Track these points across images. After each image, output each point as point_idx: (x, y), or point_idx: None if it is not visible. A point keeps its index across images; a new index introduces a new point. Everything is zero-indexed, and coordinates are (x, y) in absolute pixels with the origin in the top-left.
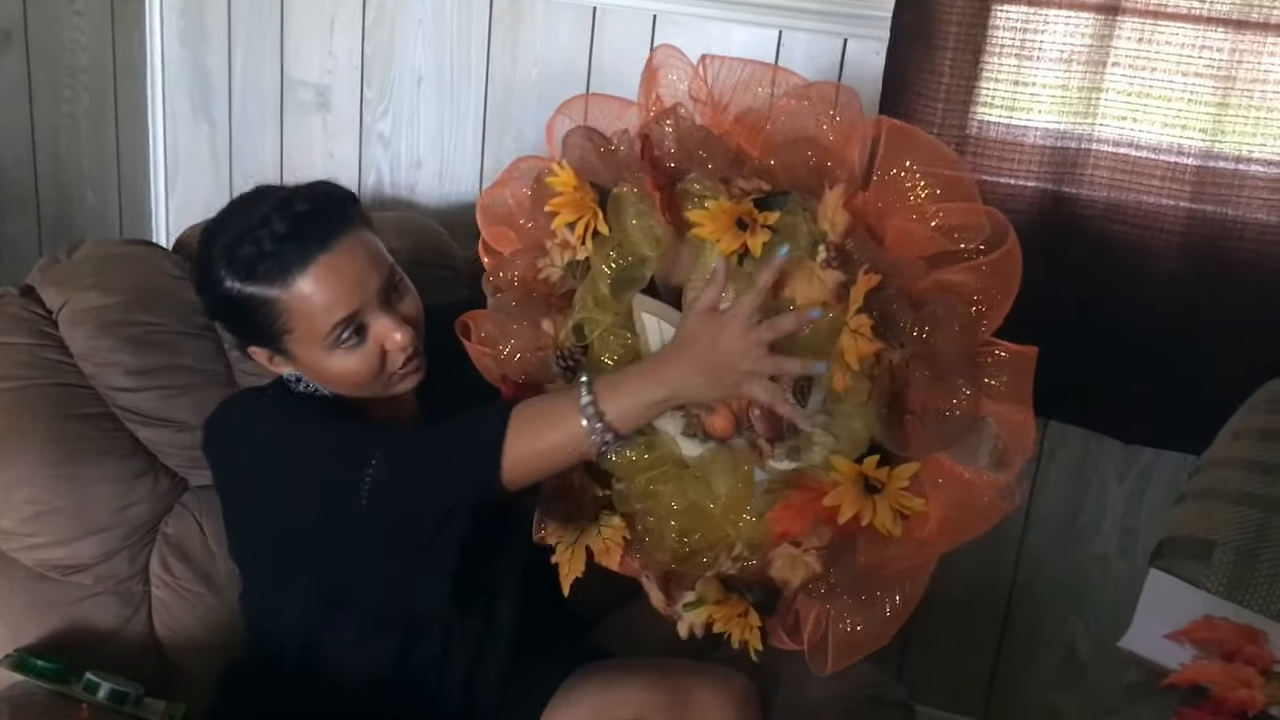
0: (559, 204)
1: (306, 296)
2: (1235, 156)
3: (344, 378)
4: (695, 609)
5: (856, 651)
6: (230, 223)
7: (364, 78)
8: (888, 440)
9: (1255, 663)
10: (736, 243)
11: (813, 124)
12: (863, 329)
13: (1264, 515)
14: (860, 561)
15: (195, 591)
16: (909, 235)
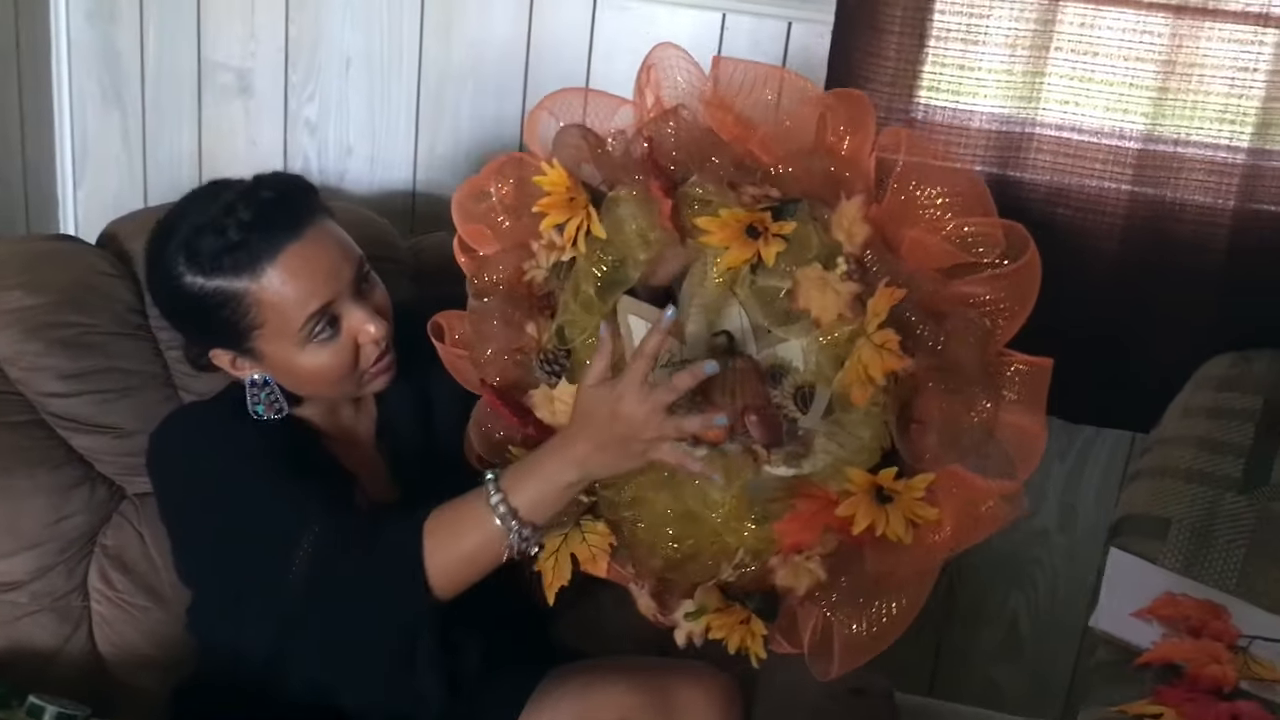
0: (548, 204)
1: (278, 288)
2: (1174, 140)
3: (316, 375)
4: (696, 618)
5: (862, 655)
6: (186, 217)
7: (289, 60)
8: (901, 450)
9: (1221, 638)
10: (748, 252)
11: (826, 132)
12: (889, 344)
13: (1216, 492)
14: (868, 569)
15: (139, 605)
16: (924, 247)
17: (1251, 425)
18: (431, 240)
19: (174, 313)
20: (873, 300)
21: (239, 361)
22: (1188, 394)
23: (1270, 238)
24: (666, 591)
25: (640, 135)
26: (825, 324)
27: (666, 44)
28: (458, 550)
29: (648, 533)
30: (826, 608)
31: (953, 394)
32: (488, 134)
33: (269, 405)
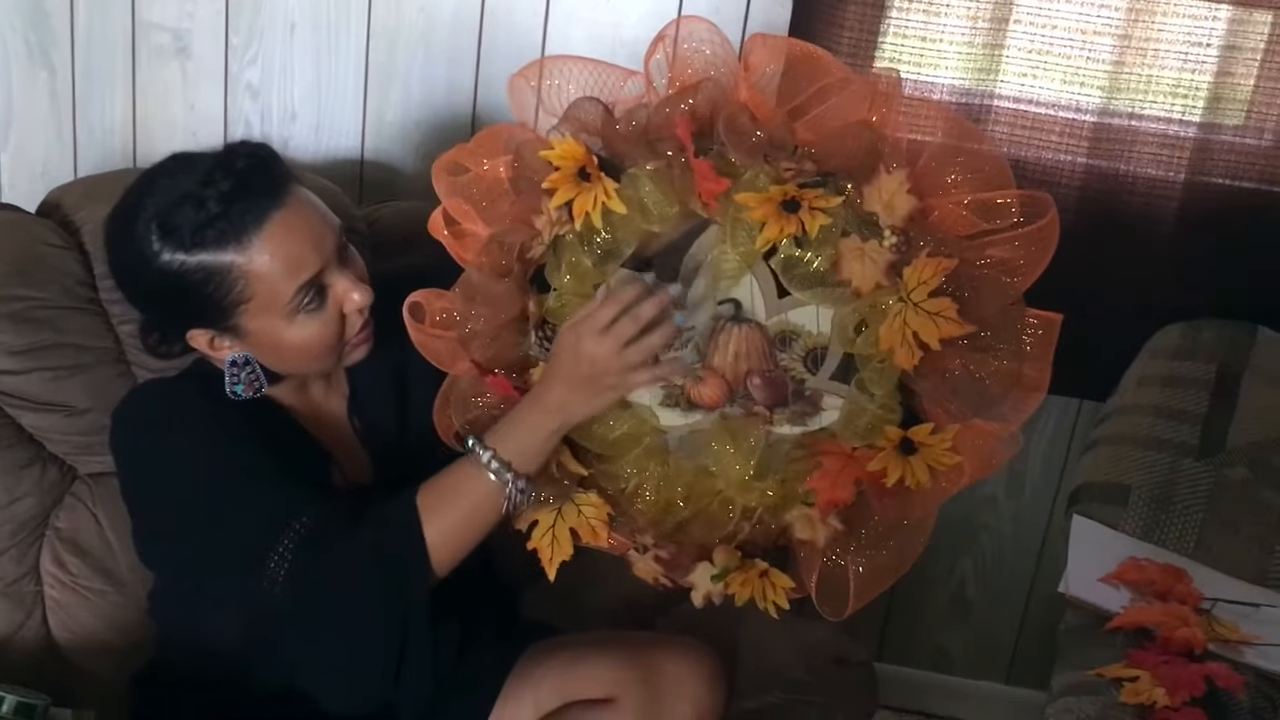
0: (559, 179)
1: (266, 259)
2: (1129, 114)
3: (303, 348)
4: (720, 579)
5: (875, 590)
6: (154, 192)
7: (229, 22)
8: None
9: (1186, 601)
10: (789, 226)
11: (862, 109)
12: (947, 311)
13: (1173, 459)
14: (880, 515)
15: (95, 589)
16: (951, 216)
17: (1206, 393)
18: (387, 210)
19: (147, 294)
20: (915, 268)
21: (218, 341)
22: (1142, 363)
23: (1219, 210)
24: (678, 554)
25: (664, 106)
26: (865, 293)
27: (694, 17)
28: (455, 516)
29: (654, 499)
30: (840, 556)
31: (975, 350)
32: (439, 101)
33: (249, 384)
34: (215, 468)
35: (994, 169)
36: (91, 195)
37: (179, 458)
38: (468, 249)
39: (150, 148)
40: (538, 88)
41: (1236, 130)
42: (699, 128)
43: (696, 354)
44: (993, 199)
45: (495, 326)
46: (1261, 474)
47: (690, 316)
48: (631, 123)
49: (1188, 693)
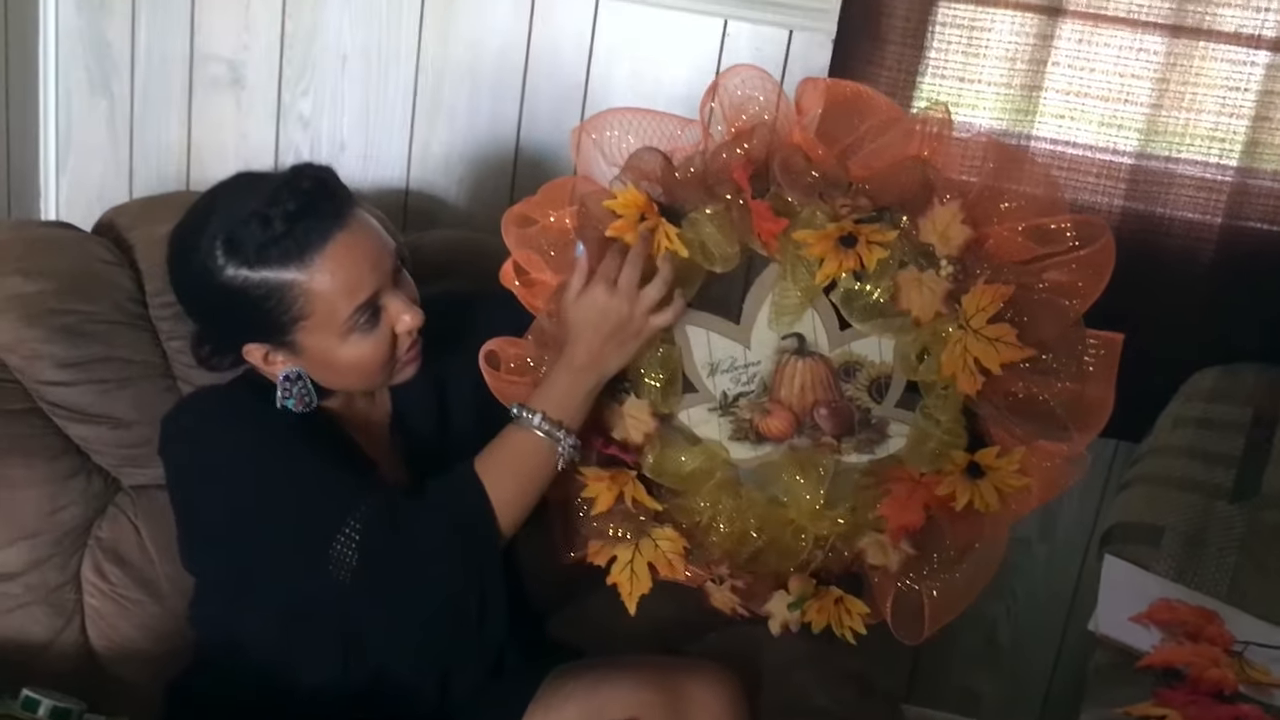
0: (621, 227)
1: (327, 278)
2: (1166, 157)
3: (355, 366)
4: (798, 607)
5: (950, 614)
6: (219, 208)
7: (284, 54)
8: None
9: (1217, 643)
10: (849, 261)
11: (914, 145)
12: (1007, 336)
13: (1207, 501)
14: (951, 539)
15: (134, 599)
16: (1007, 243)
17: (1241, 436)
18: (429, 238)
19: (208, 307)
20: (973, 296)
21: (273, 355)
22: (1178, 405)
23: (1255, 254)
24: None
25: (720, 152)
26: (925, 321)
27: (744, 65)
28: (515, 479)
29: (728, 531)
30: (914, 580)
31: (1037, 373)
32: (483, 134)
33: (300, 399)
34: (273, 464)
35: (1047, 195)
36: (145, 216)
37: (236, 458)
38: (538, 296)
39: (203, 173)
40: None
41: (1274, 175)
42: (755, 170)
43: (763, 388)
44: (1047, 224)
45: None
46: None
47: (755, 352)
48: (690, 169)
49: None
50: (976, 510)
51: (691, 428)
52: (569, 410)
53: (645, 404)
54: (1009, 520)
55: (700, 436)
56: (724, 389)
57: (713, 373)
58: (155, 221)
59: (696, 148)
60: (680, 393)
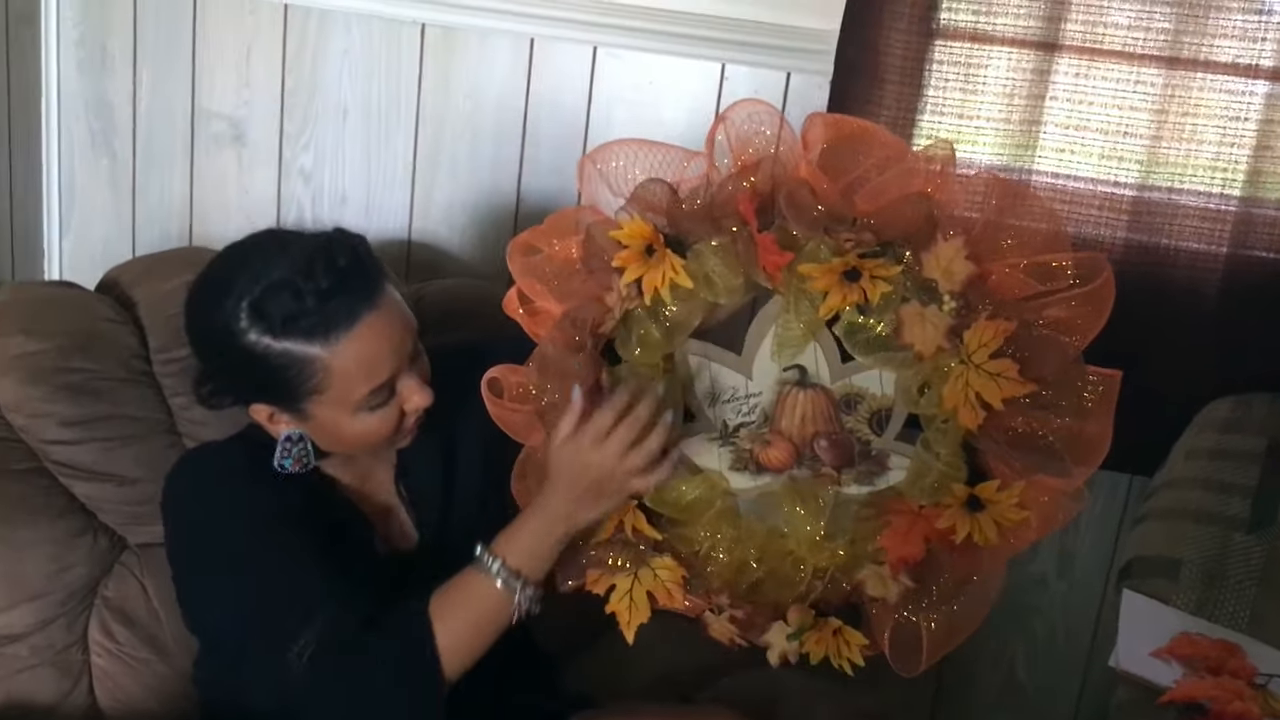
0: (627, 257)
1: (350, 357)
2: (1168, 188)
3: (360, 439)
4: (797, 638)
5: (948, 646)
6: (249, 270)
7: (284, 110)
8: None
9: (1240, 676)
10: (853, 294)
11: (919, 180)
12: (1009, 372)
13: (1224, 533)
14: (949, 571)
15: (141, 658)
16: (1008, 279)
17: (1256, 466)
18: (432, 288)
19: (224, 364)
20: (975, 331)
21: (278, 416)
22: (1191, 437)
23: (1262, 283)
24: (754, 617)
25: (726, 184)
26: (928, 356)
27: (750, 99)
28: (465, 624)
29: (728, 561)
30: (912, 612)
31: (1036, 408)
32: (484, 184)
33: (298, 460)
34: (254, 545)
35: (1049, 230)
36: (148, 273)
37: (220, 532)
38: (541, 325)
39: (206, 230)
40: (605, 170)
41: (1278, 204)
42: (760, 204)
43: (764, 419)
44: (1048, 261)
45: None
46: None
47: (757, 383)
48: (695, 201)
49: None
50: (975, 543)
51: (692, 457)
52: (533, 560)
53: None
54: (1007, 554)
55: (700, 466)
56: (725, 419)
57: (714, 403)
58: (158, 279)
59: (702, 180)
60: (682, 422)
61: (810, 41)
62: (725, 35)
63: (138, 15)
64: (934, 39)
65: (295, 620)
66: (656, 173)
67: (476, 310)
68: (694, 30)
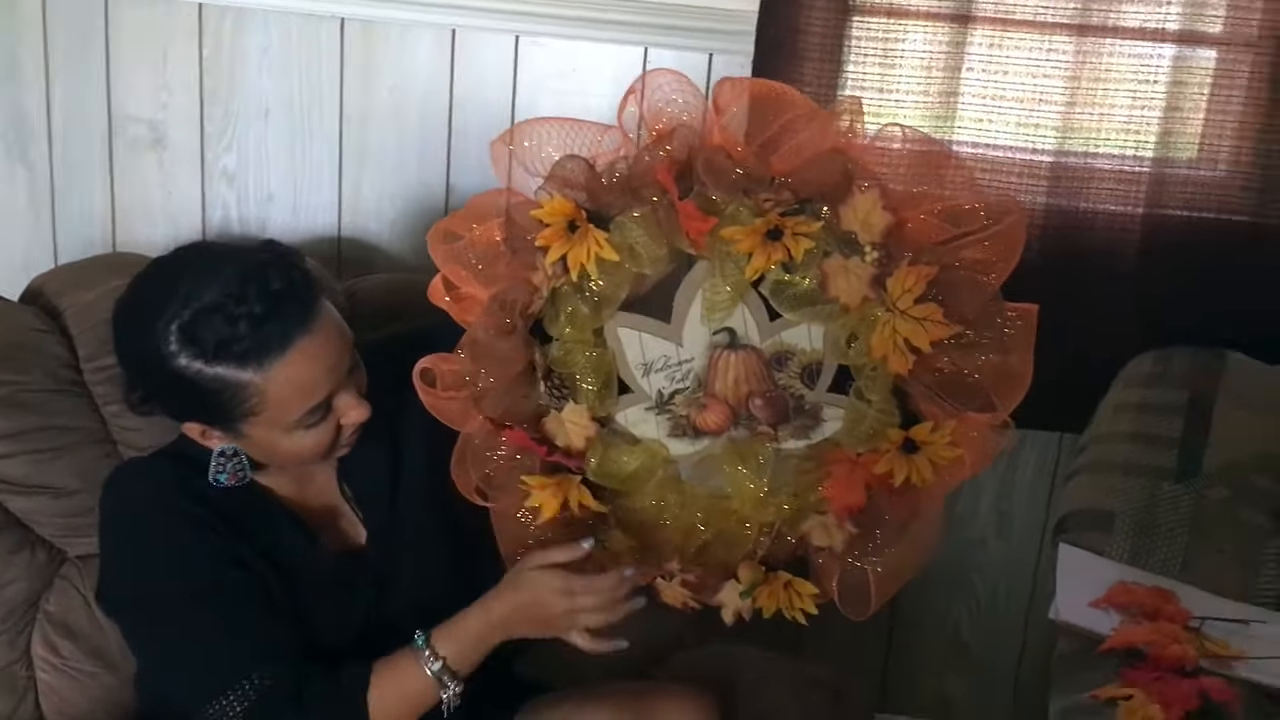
0: (550, 236)
1: (284, 381)
2: (1084, 153)
3: (295, 457)
4: (748, 595)
5: (895, 586)
6: (176, 293)
7: (204, 111)
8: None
9: (1175, 620)
10: (777, 253)
11: (831, 137)
12: (934, 315)
13: (1153, 483)
14: (891, 515)
15: (88, 671)
16: (924, 226)
17: (1179, 418)
18: (365, 283)
19: (154, 385)
20: (897, 278)
21: (210, 433)
22: (1116, 393)
23: (1178, 240)
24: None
25: (642, 155)
26: (854, 307)
27: (661, 70)
28: (395, 702)
29: (675, 527)
30: (858, 558)
31: (960, 348)
32: (412, 176)
33: (233, 475)
34: (183, 591)
35: (959, 178)
36: (73, 281)
37: (150, 573)
38: (469, 311)
39: (129, 234)
40: (518, 151)
41: (1190, 163)
42: (678, 172)
43: (698, 384)
44: (961, 205)
45: (504, 382)
46: (1240, 493)
47: (688, 349)
48: (614, 174)
49: (1183, 707)
50: (914, 485)
51: (630, 428)
52: (465, 656)
53: (583, 408)
54: (944, 492)
55: (639, 436)
56: (659, 387)
57: (647, 372)
58: (84, 287)
59: (619, 153)
60: (616, 395)
61: (731, 22)
62: (646, 19)
63: (47, 21)
64: (851, 15)
65: (221, 676)
66: (571, 149)
67: (412, 303)
68: (615, 15)
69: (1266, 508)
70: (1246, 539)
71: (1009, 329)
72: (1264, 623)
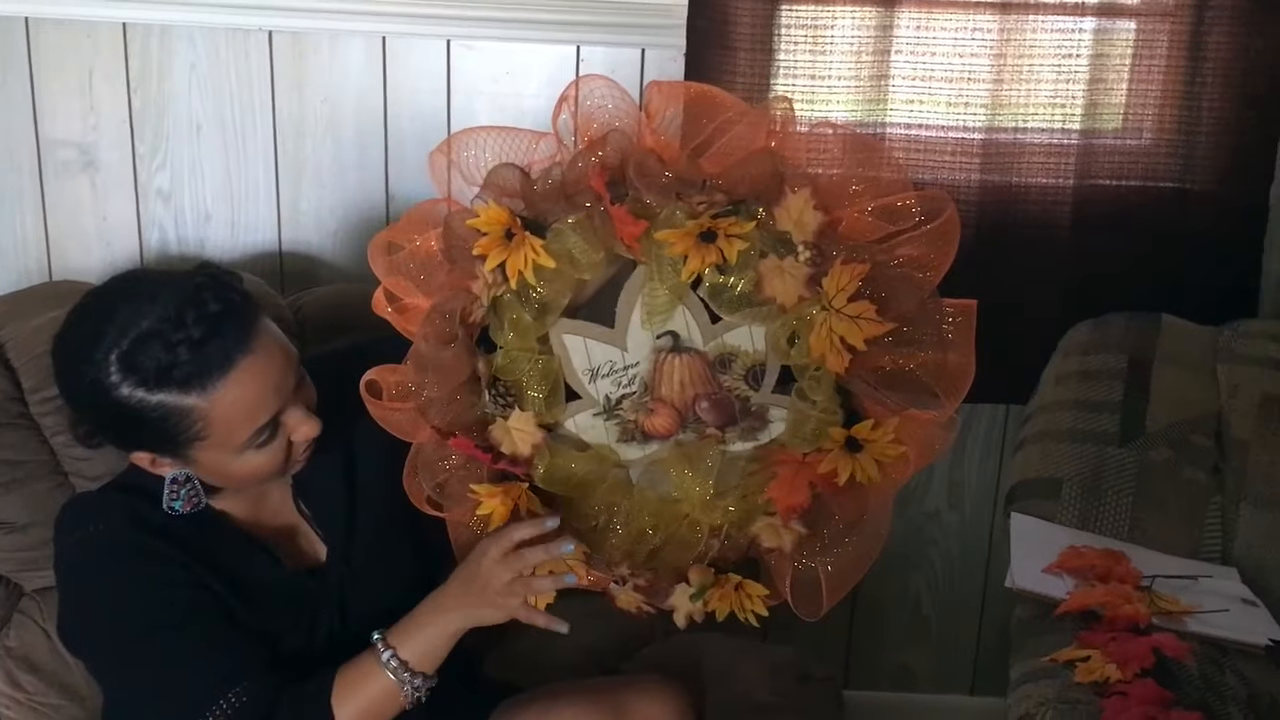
0: (487, 245)
1: (229, 404)
2: (1013, 128)
3: (248, 477)
4: (699, 598)
5: (846, 586)
6: (116, 321)
7: (134, 131)
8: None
9: (1126, 581)
10: (711, 255)
11: (761, 137)
12: (867, 313)
13: (1098, 448)
14: (839, 513)
15: (53, 704)
16: (858, 224)
17: (1120, 383)
18: (309, 297)
19: (98, 418)
20: (832, 277)
21: (160, 461)
22: (1057, 362)
23: (1108, 209)
24: (656, 582)
25: (576, 161)
26: (790, 307)
27: (592, 75)
28: (361, 706)
29: (625, 532)
30: (808, 558)
31: (900, 345)
32: (351, 186)
33: (187, 500)
34: (147, 623)
35: (891, 176)
36: (12, 312)
37: (112, 610)
38: (412, 321)
39: (64, 261)
40: (456, 161)
41: (1116, 133)
42: (611, 177)
43: (644, 388)
44: (894, 203)
45: (449, 391)
46: (1182, 453)
47: (633, 354)
48: (548, 181)
49: (1138, 665)
50: (860, 483)
51: (579, 434)
52: (424, 651)
53: (530, 416)
54: (892, 489)
55: (588, 442)
56: (606, 393)
57: (594, 378)
58: (22, 316)
59: (553, 159)
60: (564, 401)
61: (661, 16)
62: (577, 17)
63: None
64: (780, 4)
65: (201, 698)
66: (507, 157)
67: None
68: (545, 15)
69: (1206, 465)
70: (1190, 497)
71: (948, 325)
72: (1210, 577)
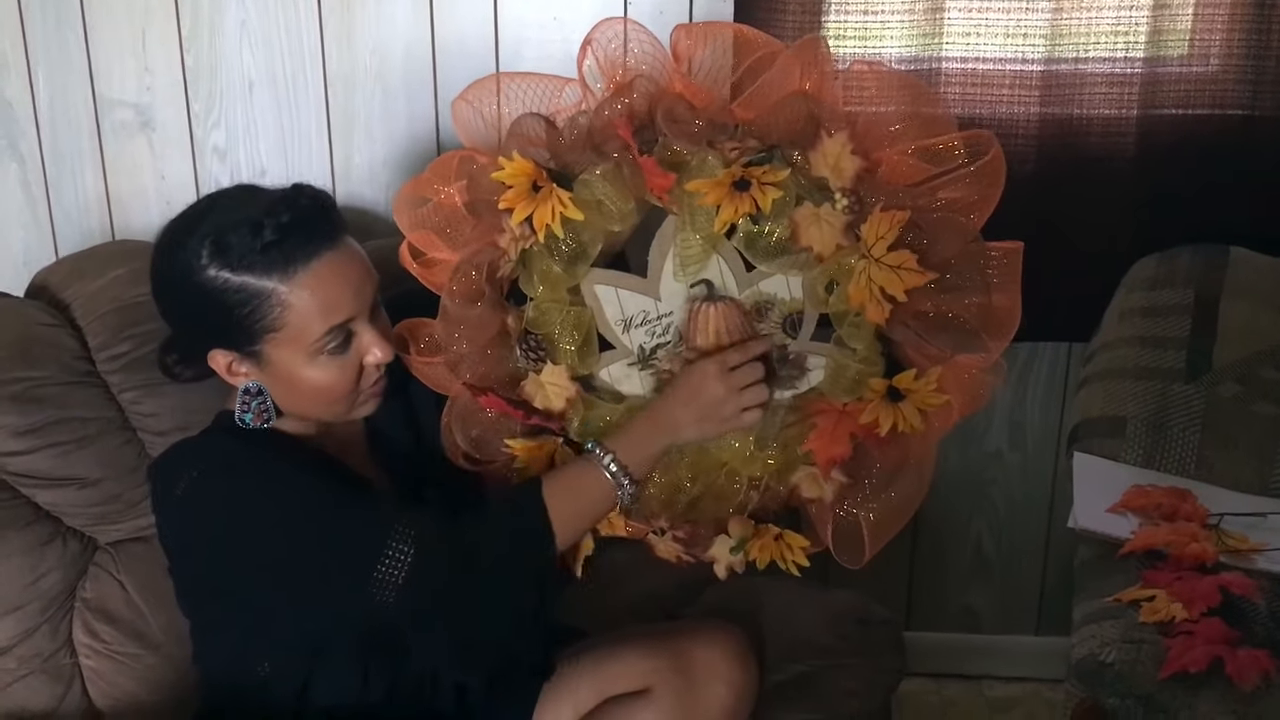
0: (513, 198)
1: (307, 294)
2: (1074, 58)
3: (317, 390)
4: (739, 550)
5: (889, 534)
6: (215, 212)
7: (188, 90)
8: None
9: (1193, 519)
10: (745, 204)
11: (794, 79)
12: (908, 263)
13: (1164, 385)
14: (882, 462)
15: (130, 653)
16: (899, 167)
17: (1187, 318)
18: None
19: (182, 305)
20: (871, 225)
21: (236, 365)
22: (1121, 298)
23: (1173, 139)
24: (695, 531)
25: (602, 109)
26: (828, 256)
27: (613, 18)
28: (573, 508)
29: (663, 481)
30: (850, 507)
31: (944, 291)
32: (402, 137)
33: (258, 414)
34: (297, 507)
35: (932, 115)
36: (76, 273)
37: (260, 508)
38: (437, 275)
39: (126, 220)
40: (479, 108)
41: (1181, 60)
42: (640, 123)
43: (679, 337)
44: (935, 144)
45: (479, 347)
46: (1251, 387)
47: (666, 303)
48: (574, 130)
49: (1204, 604)
50: (901, 432)
51: (614, 385)
52: (638, 460)
53: (563, 369)
54: (935, 437)
55: (624, 393)
56: (640, 343)
57: (627, 328)
58: (88, 277)
59: (579, 107)
60: (597, 352)
61: None
62: None
63: (23, 11)
64: None
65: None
66: (531, 105)
67: None
68: None
69: (1277, 398)
70: (1260, 432)
71: (993, 269)
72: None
